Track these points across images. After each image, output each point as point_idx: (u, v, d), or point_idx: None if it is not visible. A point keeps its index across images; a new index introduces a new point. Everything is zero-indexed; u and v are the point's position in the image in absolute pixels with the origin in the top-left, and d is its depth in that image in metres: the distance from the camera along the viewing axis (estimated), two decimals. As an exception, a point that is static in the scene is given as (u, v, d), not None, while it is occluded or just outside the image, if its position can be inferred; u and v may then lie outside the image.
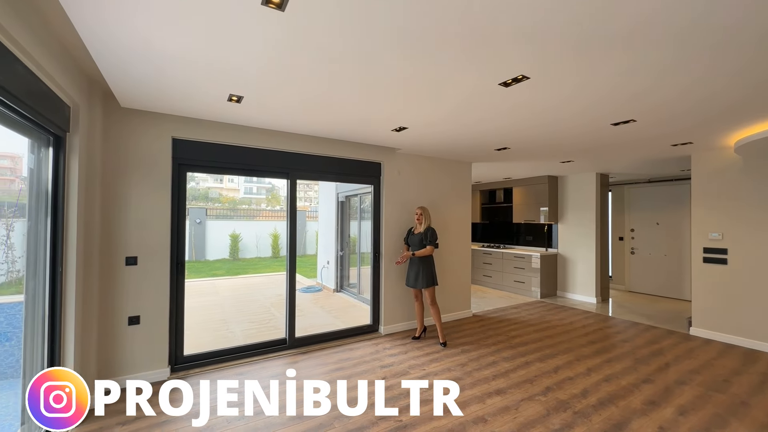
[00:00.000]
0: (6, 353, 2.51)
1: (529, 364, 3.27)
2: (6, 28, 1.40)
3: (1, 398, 3.35)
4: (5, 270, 2.38)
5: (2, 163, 2.55)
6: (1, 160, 2.54)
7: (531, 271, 6.17)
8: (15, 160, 2.38)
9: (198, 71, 2.08)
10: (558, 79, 2.12)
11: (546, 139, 3.55)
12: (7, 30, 1.41)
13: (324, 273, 6.93)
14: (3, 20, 1.37)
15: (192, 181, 26.03)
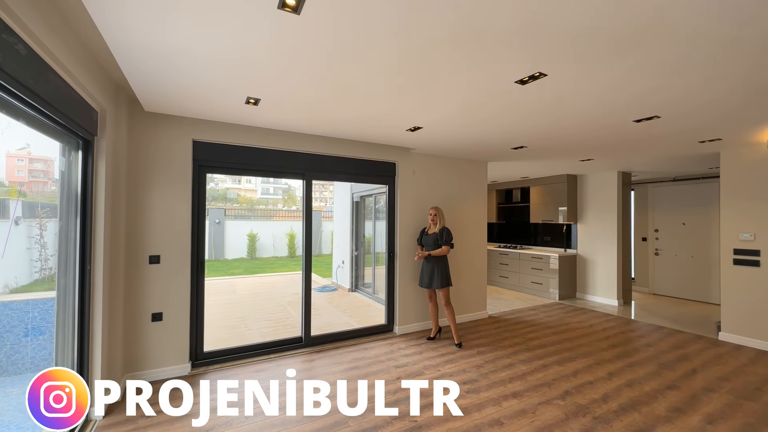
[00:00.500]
0: (40, 347, 2.65)
1: (546, 367, 3.20)
2: (40, 39, 1.47)
3: (5, 394, 3.52)
4: (39, 267, 2.52)
5: (37, 166, 2.69)
6: (35, 163, 2.69)
7: (549, 272, 6.04)
8: (48, 163, 2.51)
9: (217, 75, 2.13)
10: (576, 77, 2.07)
11: (564, 137, 3.47)
12: (41, 40, 1.48)
13: (339, 273, 6.99)
14: (37, 31, 1.45)
15: (211, 182, 26.74)
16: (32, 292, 2.64)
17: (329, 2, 1.40)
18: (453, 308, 3.75)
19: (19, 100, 1.48)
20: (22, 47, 1.40)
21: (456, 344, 3.68)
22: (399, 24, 1.56)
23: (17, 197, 2.59)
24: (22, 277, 2.68)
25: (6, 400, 3.47)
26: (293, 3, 1.38)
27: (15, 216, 2.35)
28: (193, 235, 3.07)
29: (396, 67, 1.99)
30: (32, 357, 2.67)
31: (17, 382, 3.54)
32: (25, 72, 1.44)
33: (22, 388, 2.81)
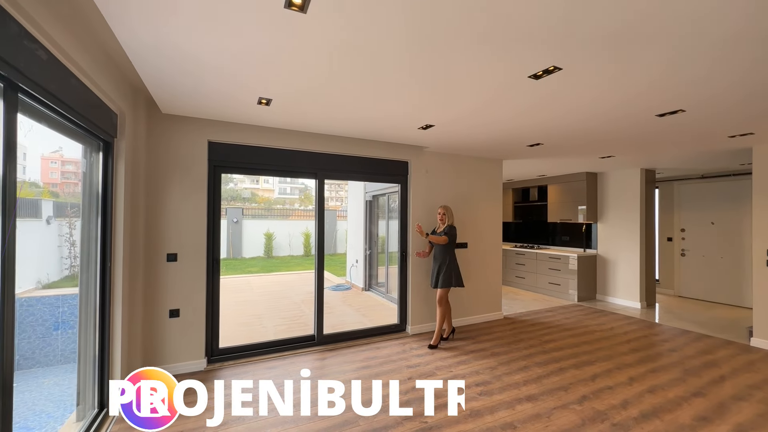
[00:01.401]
0: (69, 339, 2.77)
1: (563, 370, 3.11)
2: (61, 45, 1.53)
3: (64, 380, 3.71)
4: (68, 264, 2.63)
5: (68, 167, 2.82)
6: (67, 165, 2.82)
7: (568, 272, 5.87)
8: (77, 164, 2.62)
9: (227, 76, 2.17)
10: (593, 70, 1.99)
11: (582, 133, 3.36)
12: (62, 47, 1.54)
13: (353, 272, 7.01)
14: (58, 37, 1.50)
15: (231, 182, 27.43)
16: (62, 288, 2.77)
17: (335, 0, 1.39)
18: (445, 310, 3.61)
19: (41, 103, 1.55)
20: (43, 53, 1.45)
21: (431, 345, 3.59)
22: (408, 21, 1.53)
23: (49, 197, 2.73)
24: (53, 274, 2.81)
25: (39, 391, 3.64)
26: (299, 2, 1.38)
27: (47, 216, 2.47)
28: (208, 234, 3.13)
29: (407, 65, 1.97)
30: (62, 350, 2.80)
31: (48, 373, 3.72)
32: (47, 77, 1.50)
33: (53, 378, 2.95)
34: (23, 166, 2.40)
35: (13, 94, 1.35)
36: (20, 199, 4.66)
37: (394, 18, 1.52)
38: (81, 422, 2.18)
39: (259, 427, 2.25)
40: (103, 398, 2.34)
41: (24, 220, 3.37)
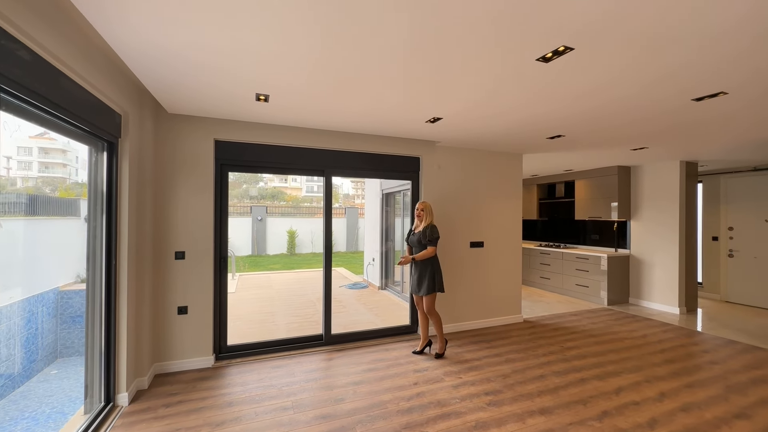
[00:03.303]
0: (82, 333, 2.87)
1: (584, 381, 2.86)
2: (48, 47, 1.54)
3: (76, 372, 3.88)
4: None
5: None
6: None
7: (597, 273, 5.47)
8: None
9: (218, 74, 2.13)
10: (610, 49, 1.76)
11: (606, 122, 3.06)
12: (49, 48, 1.55)
13: (369, 270, 6.94)
14: (44, 40, 1.51)
15: (261, 182, 28.34)
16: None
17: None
18: (439, 316, 3.27)
19: (29, 104, 1.56)
20: (25, 53, 1.46)
21: (438, 354, 3.30)
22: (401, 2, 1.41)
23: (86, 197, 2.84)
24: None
25: (75, 378, 3.84)
26: (270, -15, 1.29)
27: (84, 215, 2.56)
28: (215, 233, 3.16)
29: (403, 50, 1.84)
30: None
31: (63, 365, 3.90)
32: (32, 77, 1.51)
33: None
34: (75, 169, 2.50)
35: (-7, 94, 1.36)
36: (62, 199, 4.92)
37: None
38: (87, 415, 2.24)
39: (256, 428, 2.21)
40: (109, 392, 2.40)
41: (65, 219, 3.55)
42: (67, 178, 2.61)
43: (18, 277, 3.78)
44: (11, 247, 3.65)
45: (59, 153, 14.10)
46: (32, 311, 3.92)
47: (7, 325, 3.57)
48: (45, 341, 4.11)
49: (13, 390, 3.60)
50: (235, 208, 14.64)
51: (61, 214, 4.35)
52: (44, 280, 4.12)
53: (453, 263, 4.05)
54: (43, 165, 15.40)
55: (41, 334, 4.06)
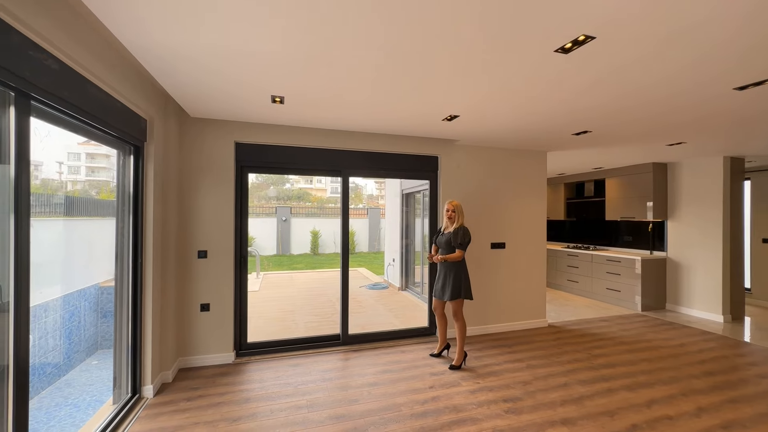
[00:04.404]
0: (109, 328, 3.03)
1: (612, 391, 2.69)
2: (74, 56, 1.63)
3: (103, 365, 4.10)
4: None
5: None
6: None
7: (630, 277, 5.16)
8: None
9: (231, 80, 2.18)
10: (635, 36, 1.64)
11: (636, 117, 2.87)
12: (75, 58, 1.64)
13: (390, 270, 6.92)
14: (71, 49, 1.60)
15: (287, 183, 29.09)
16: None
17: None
18: (464, 325, 3.10)
19: (57, 110, 1.66)
20: (53, 62, 1.55)
21: (453, 366, 3.07)
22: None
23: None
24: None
25: (106, 370, 4.08)
26: (274, -14, 1.30)
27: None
28: (236, 232, 3.24)
29: (412, 45, 1.80)
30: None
31: (103, 356, 4.14)
32: (60, 85, 1.60)
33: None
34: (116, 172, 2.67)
35: (24, 101, 1.45)
36: (103, 200, 5.20)
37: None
38: (115, 405, 2.36)
39: (270, 425, 2.24)
40: (136, 384, 2.52)
41: (105, 219, 3.76)
42: (111, 181, 2.81)
43: (63, 274, 4.07)
44: (58, 246, 3.93)
45: (103, 158, 15.10)
46: (75, 305, 4.21)
47: (53, 318, 3.85)
48: (86, 333, 4.40)
49: (59, 378, 3.87)
50: (262, 209, 15.09)
51: (102, 215, 4.65)
52: (86, 276, 4.41)
53: (472, 264, 3.94)
54: (89, 169, 16.54)
55: (83, 326, 4.34)
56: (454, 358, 3.22)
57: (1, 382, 1.44)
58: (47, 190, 5.47)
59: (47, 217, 3.77)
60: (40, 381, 3.64)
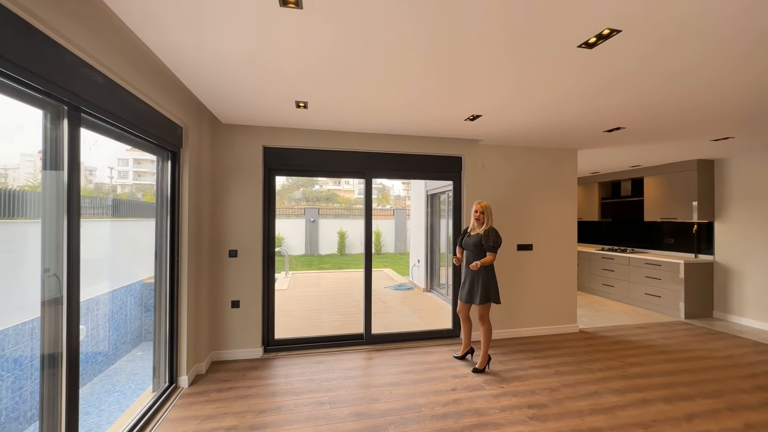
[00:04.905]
0: (151, 321, 3.27)
1: (647, 402, 2.54)
2: (117, 71, 1.79)
3: (146, 356, 4.39)
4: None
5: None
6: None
7: (672, 282, 4.83)
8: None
9: (257, 88, 2.29)
10: (665, 26, 1.56)
11: (674, 111, 2.70)
12: (117, 72, 1.80)
13: (415, 271, 6.91)
14: (114, 65, 1.76)
15: (316, 185, 29.81)
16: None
17: (329, -10, 1.34)
18: (490, 329, 3.03)
19: (104, 121, 1.83)
20: (99, 77, 1.71)
21: (477, 369, 3.03)
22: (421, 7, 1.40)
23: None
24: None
25: (149, 360, 4.38)
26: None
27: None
28: (264, 233, 3.38)
29: (431, 45, 1.81)
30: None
31: (147, 347, 4.43)
32: (106, 98, 1.76)
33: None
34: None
35: (75, 114, 1.61)
36: (148, 202, 5.66)
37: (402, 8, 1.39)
38: (154, 393, 2.55)
39: (293, 419, 2.33)
40: (172, 374, 2.70)
41: (149, 220, 4.06)
42: (154, 185, 3.07)
43: (112, 271, 4.43)
44: (107, 245, 4.29)
45: (149, 162, 16.21)
46: (123, 300, 4.57)
47: (103, 311, 4.21)
48: (132, 326, 4.76)
49: (108, 366, 4.22)
50: (292, 210, 15.55)
51: (145, 216, 5.01)
52: (132, 273, 4.78)
53: (498, 267, 3.86)
54: (136, 173, 17.81)
55: (129, 320, 4.71)
56: (477, 361, 3.16)
57: (57, 367, 1.60)
58: (100, 194, 5.97)
59: (99, 218, 4.13)
60: (92, 368, 3.98)
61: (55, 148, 1.57)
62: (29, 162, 3.32)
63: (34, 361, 2.83)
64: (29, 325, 2.82)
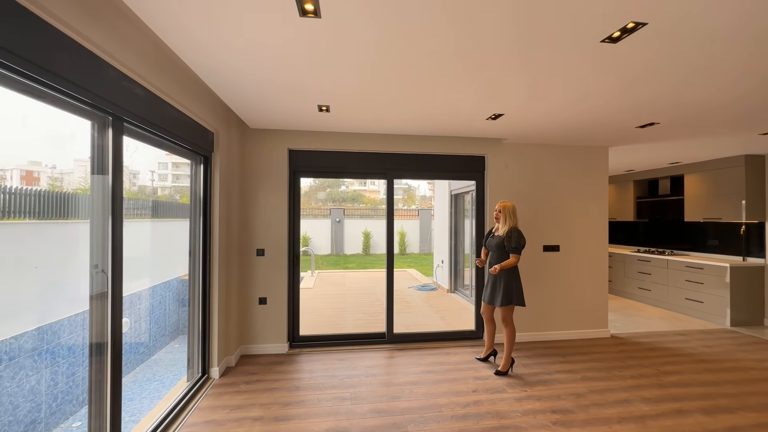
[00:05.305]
0: (187, 315, 3.48)
1: (683, 413, 2.41)
2: (154, 83, 1.94)
3: (182, 348, 4.65)
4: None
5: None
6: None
7: (717, 287, 4.51)
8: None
9: (279, 91, 2.39)
10: (698, 16, 1.48)
11: (714, 105, 2.53)
12: (155, 84, 1.95)
13: (438, 272, 6.87)
14: (151, 76, 1.91)
15: (342, 185, 30.31)
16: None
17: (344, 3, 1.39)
18: (513, 331, 2.98)
19: (143, 129, 1.99)
20: (140, 90, 1.86)
21: (498, 371, 2.98)
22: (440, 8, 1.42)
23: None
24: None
25: (185, 352, 4.64)
26: (312, 8, 1.42)
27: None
28: (289, 233, 3.51)
29: (450, 45, 1.83)
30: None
31: (183, 341, 4.71)
32: (145, 109, 1.92)
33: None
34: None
35: (119, 124, 1.76)
36: (184, 204, 6.03)
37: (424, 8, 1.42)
38: (189, 382, 2.72)
39: (316, 413, 2.41)
40: (205, 365, 2.87)
41: (185, 220, 4.31)
42: (189, 187, 3.34)
43: (152, 268, 4.76)
44: (148, 243, 4.60)
45: (185, 166, 17.20)
46: (162, 295, 4.89)
47: (145, 305, 4.53)
48: (170, 320, 5.09)
49: (149, 357, 4.54)
50: (319, 210, 15.89)
51: (182, 216, 5.34)
52: (170, 270, 5.10)
53: (522, 268, 3.77)
54: (174, 176, 18.89)
55: (168, 314, 5.03)
56: (500, 363, 3.12)
57: (103, 355, 1.76)
58: (142, 196, 6.41)
59: (141, 218, 4.44)
60: (135, 359, 4.29)
61: (101, 155, 1.73)
62: (81, 167, 3.64)
63: (84, 349, 3.10)
64: (80, 316, 3.10)
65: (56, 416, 2.89)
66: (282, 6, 1.44)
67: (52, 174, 3.42)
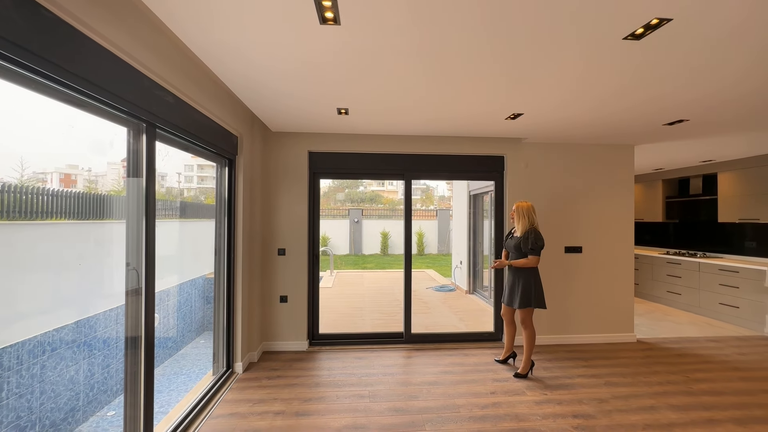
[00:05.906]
0: (212, 312, 3.62)
1: (714, 422, 2.31)
2: (186, 93, 2.05)
3: (207, 344, 4.81)
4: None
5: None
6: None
7: (754, 291, 4.27)
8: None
9: (302, 96, 2.45)
10: (728, 7, 1.43)
11: (747, 99, 2.41)
12: (184, 91, 2.05)
13: (457, 273, 6.82)
14: (181, 85, 2.01)
15: (361, 186, 30.55)
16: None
17: (360, 9, 1.42)
18: (533, 333, 2.94)
19: (173, 135, 2.09)
20: (170, 98, 1.97)
21: (517, 374, 2.95)
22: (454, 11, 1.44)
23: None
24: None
25: (210, 348, 4.81)
26: (331, 16, 1.47)
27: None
28: (309, 233, 3.59)
29: (470, 45, 1.84)
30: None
31: (208, 336, 4.88)
32: (174, 115, 2.02)
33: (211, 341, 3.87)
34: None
35: (152, 130, 1.87)
36: (209, 204, 6.28)
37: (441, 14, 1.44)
38: (214, 376, 2.83)
39: (335, 409, 2.46)
40: (229, 360, 2.98)
41: (210, 221, 4.47)
42: (215, 189, 3.51)
43: (179, 266, 4.97)
44: (176, 242, 4.81)
45: (210, 168, 17.82)
46: (189, 292, 5.10)
47: (173, 302, 4.74)
48: (196, 316, 5.30)
49: (177, 351, 4.75)
50: (338, 211, 16.08)
51: (207, 217, 5.55)
52: (196, 268, 5.32)
53: (543, 269, 3.71)
54: (199, 178, 19.55)
55: (194, 310, 5.24)
56: (519, 366, 3.08)
57: (137, 348, 1.87)
58: (170, 197, 6.70)
59: (169, 219, 4.64)
60: (164, 353, 4.49)
61: (135, 159, 1.84)
62: (114, 170, 3.85)
63: (118, 343, 3.28)
64: (115, 311, 3.28)
65: (92, 405, 3.08)
66: (304, 16, 1.50)
67: (88, 177, 3.64)
